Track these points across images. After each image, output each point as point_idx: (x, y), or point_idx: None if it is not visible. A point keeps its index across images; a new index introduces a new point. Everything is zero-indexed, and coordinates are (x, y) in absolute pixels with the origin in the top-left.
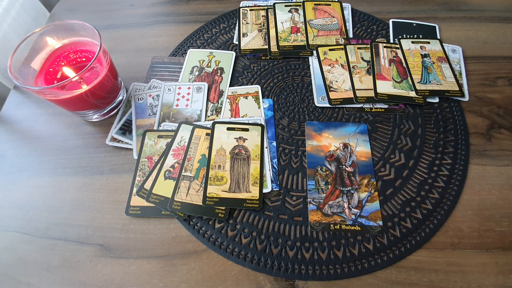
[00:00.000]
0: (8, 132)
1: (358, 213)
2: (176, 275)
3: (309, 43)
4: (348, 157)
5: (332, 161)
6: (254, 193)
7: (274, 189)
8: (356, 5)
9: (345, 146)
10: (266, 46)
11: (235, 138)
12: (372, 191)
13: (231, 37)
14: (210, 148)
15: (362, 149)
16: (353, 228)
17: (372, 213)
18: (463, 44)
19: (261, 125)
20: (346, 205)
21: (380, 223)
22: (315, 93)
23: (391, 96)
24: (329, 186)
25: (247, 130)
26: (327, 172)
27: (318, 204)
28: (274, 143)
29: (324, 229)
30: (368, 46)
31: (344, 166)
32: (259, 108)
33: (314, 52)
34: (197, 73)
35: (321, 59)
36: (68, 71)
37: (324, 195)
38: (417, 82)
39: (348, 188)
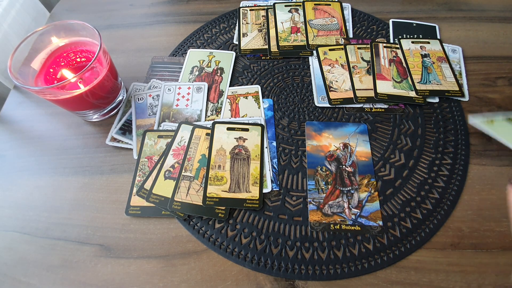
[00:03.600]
0: (8, 132)
1: (358, 213)
2: (176, 275)
3: (309, 43)
4: (348, 157)
5: (332, 161)
6: (254, 193)
7: (274, 189)
8: (356, 5)
9: (345, 146)
10: (266, 46)
11: (235, 138)
12: (372, 191)
13: (231, 37)
14: (210, 148)
15: (362, 149)
16: (353, 228)
17: (372, 213)
18: (463, 44)
19: (261, 125)
20: (346, 205)
21: (380, 223)
22: (315, 93)
23: (391, 96)
24: (329, 186)
25: (247, 130)
26: (327, 172)
27: (318, 204)
28: (274, 143)
29: (324, 229)
30: (368, 46)
31: (344, 166)
32: (259, 108)
33: (314, 52)
34: (197, 73)
35: (321, 59)
36: (68, 71)
37: (324, 195)
38: (417, 82)
39: (348, 188)
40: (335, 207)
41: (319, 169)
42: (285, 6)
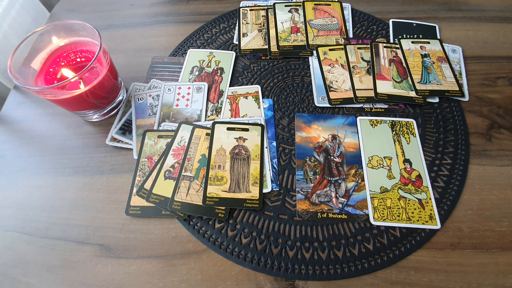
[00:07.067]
0: (8, 132)
1: (345, 202)
2: (176, 275)
3: (309, 43)
4: (337, 148)
5: (320, 152)
6: (254, 193)
7: (274, 189)
8: (356, 5)
9: (334, 137)
10: (266, 46)
11: (235, 138)
12: (359, 181)
13: (231, 37)
14: (210, 148)
15: (350, 140)
16: (339, 216)
17: (359, 202)
18: (463, 44)
19: (261, 125)
20: (333, 194)
21: (366, 211)
22: (315, 93)
23: (391, 96)
24: (317, 176)
25: (247, 130)
26: (316, 163)
27: (306, 194)
28: (274, 143)
29: (312, 218)
30: (368, 46)
31: (332, 157)
32: (259, 108)
33: (314, 52)
34: (197, 73)
35: (321, 59)
36: (68, 71)
37: (312, 184)
38: (417, 82)
39: (335, 178)
40: (323, 196)
41: (307, 159)
42: (285, 6)
